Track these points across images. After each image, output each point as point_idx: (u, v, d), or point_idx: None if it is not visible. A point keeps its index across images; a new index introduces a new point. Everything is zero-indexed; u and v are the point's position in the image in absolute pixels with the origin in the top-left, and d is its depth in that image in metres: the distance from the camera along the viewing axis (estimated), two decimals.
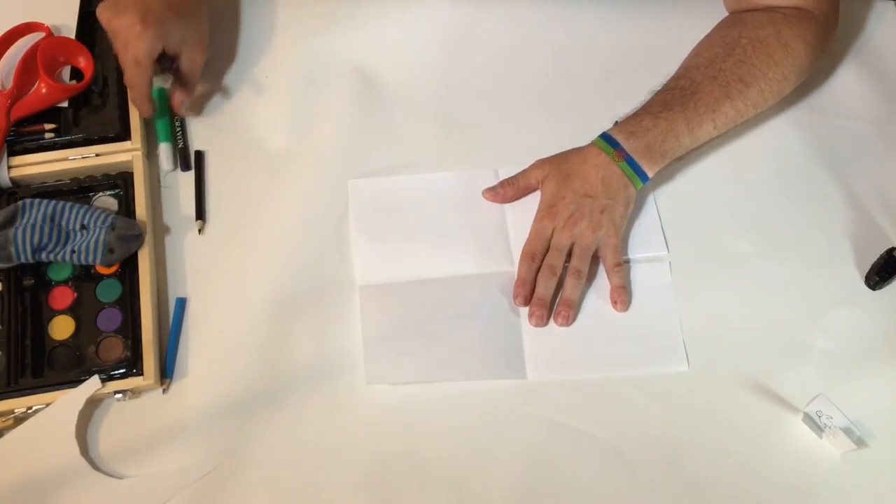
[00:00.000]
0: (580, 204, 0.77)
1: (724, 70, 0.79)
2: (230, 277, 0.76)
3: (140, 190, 0.77)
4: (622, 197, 0.77)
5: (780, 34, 0.80)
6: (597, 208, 0.76)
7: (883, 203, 0.82)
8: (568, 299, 0.75)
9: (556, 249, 0.76)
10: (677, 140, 0.78)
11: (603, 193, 0.77)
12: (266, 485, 0.69)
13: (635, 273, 0.78)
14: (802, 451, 0.71)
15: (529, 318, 0.75)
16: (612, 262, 0.76)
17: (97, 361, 0.72)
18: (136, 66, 0.76)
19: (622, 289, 0.76)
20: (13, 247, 0.71)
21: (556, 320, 0.75)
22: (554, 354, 0.74)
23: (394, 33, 0.88)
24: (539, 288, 0.75)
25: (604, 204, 0.76)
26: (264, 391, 0.72)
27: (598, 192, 0.77)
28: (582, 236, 0.76)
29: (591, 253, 0.76)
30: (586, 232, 0.76)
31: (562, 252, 0.76)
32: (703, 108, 0.78)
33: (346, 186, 0.80)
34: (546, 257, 0.76)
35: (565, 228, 0.76)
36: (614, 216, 0.77)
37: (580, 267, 0.76)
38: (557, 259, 0.76)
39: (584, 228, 0.76)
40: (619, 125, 0.79)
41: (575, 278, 0.75)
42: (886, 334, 0.76)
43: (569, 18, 0.89)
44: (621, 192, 0.77)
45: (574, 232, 0.76)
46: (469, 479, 0.70)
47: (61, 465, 0.68)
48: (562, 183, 0.78)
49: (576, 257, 0.76)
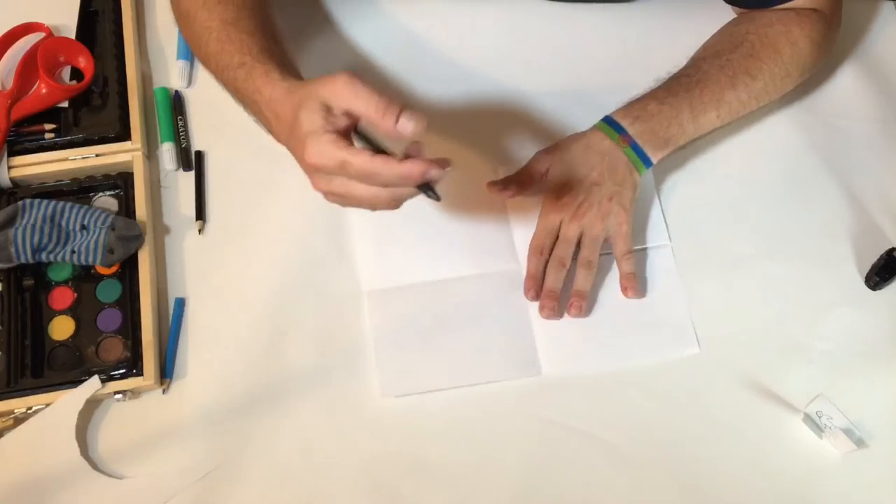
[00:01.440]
0: (588, 193, 0.76)
1: (730, 61, 0.79)
2: (230, 277, 0.76)
3: (140, 190, 0.77)
4: (629, 182, 0.76)
5: (790, 32, 0.80)
6: (605, 196, 0.76)
7: (883, 203, 0.82)
8: (580, 290, 0.75)
9: (564, 241, 0.76)
10: (681, 127, 0.77)
11: (610, 180, 0.76)
12: (266, 485, 0.69)
13: (639, 261, 0.78)
14: (802, 451, 0.71)
15: (540, 311, 0.74)
16: (624, 250, 0.76)
17: (97, 362, 0.72)
18: (351, 157, 0.58)
19: (632, 276, 0.75)
20: (13, 247, 0.71)
21: (570, 311, 0.74)
22: (567, 348, 0.74)
23: (394, 33, 0.88)
24: (548, 281, 0.75)
25: (612, 191, 0.76)
26: (264, 391, 0.72)
27: (604, 180, 0.76)
28: (592, 226, 0.75)
29: (601, 242, 0.76)
30: (595, 221, 0.75)
31: (571, 243, 0.75)
32: (707, 96, 0.78)
33: None
34: (555, 249, 0.76)
35: (574, 220, 0.76)
36: (624, 202, 0.76)
37: (591, 257, 0.75)
38: (566, 251, 0.75)
39: (593, 218, 0.75)
40: (622, 109, 0.78)
41: (586, 269, 0.75)
42: (887, 335, 0.76)
43: (569, 18, 0.89)
44: (628, 177, 0.76)
45: (583, 222, 0.75)
46: (469, 479, 0.70)
47: (61, 465, 0.68)
48: (566, 172, 0.77)
49: (585, 247, 0.75)
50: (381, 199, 0.60)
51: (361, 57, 0.87)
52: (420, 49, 0.88)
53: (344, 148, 0.57)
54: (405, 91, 0.86)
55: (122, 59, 0.83)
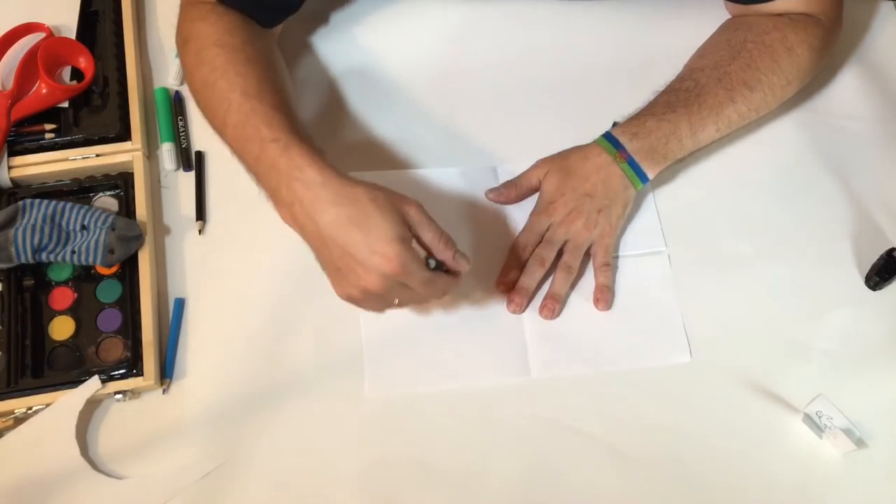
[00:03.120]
0: (579, 202, 0.77)
1: (729, 73, 0.79)
2: (230, 277, 0.76)
3: (140, 190, 0.77)
4: (621, 198, 0.77)
5: (786, 39, 0.80)
6: (594, 208, 0.76)
7: (883, 203, 0.82)
8: (556, 293, 0.75)
9: (549, 242, 0.76)
10: (680, 143, 0.78)
11: (602, 193, 0.77)
12: (266, 485, 0.69)
13: (634, 267, 0.78)
14: (802, 451, 0.71)
15: (508, 304, 0.75)
16: (602, 261, 0.77)
17: (97, 362, 0.72)
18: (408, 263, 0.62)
19: (606, 288, 0.76)
20: (13, 247, 0.71)
21: (542, 312, 0.75)
22: (557, 351, 0.74)
23: (394, 33, 0.88)
24: (524, 277, 0.76)
25: (602, 204, 0.76)
26: (264, 391, 0.72)
27: (597, 192, 0.77)
28: (578, 234, 0.76)
29: (583, 251, 0.76)
30: (582, 230, 0.76)
31: (554, 246, 0.76)
32: (706, 110, 0.78)
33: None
34: (538, 248, 0.76)
35: (562, 225, 0.76)
36: (611, 217, 0.77)
37: (571, 263, 0.76)
38: (549, 252, 0.76)
39: (580, 227, 0.76)
40: (622, 126, 0.79)
41: (565, 273, 0.76)
42: (886, 335, 0.76)
43: (570, 18, 0.89)
44: (620, 193, 0.77)
45: (570, 229, 0.76)
46: (469, 479, 0.70)
47: (61, 465, 0.68)
48: (562, 180, 0.78)
49: (568, 253, 0.76)
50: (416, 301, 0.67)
51: (361, 57, 0.87)
52: (420, 49, 0.88)
53: (422, 268, 0.62)
54: (405, 90, 0.86)
55: (122, 59, 0.83)
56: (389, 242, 0.60)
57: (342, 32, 0.88)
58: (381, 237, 0.60)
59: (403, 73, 0.87)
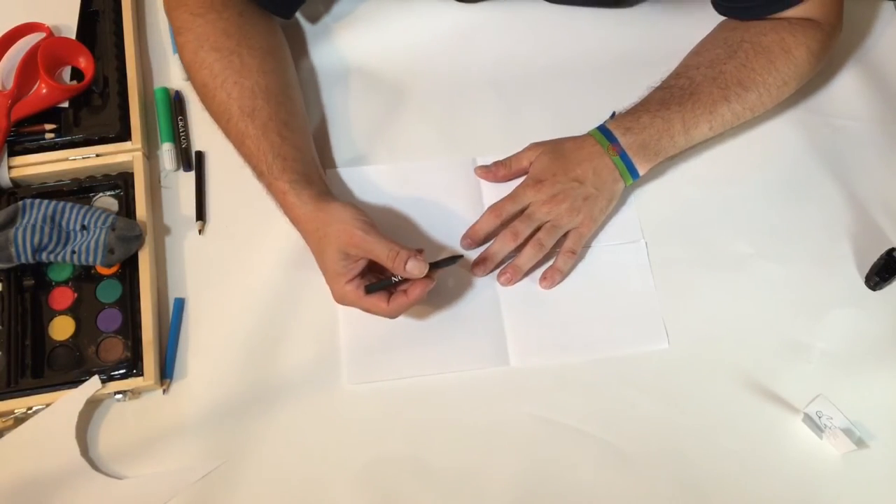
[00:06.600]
0: (567, 185, 0.77)
1: (724, 72, 0.79)
2: (230, 277, 0.76)
3: (140, 190, 0.77)
4: (608, 190, 0.77)
5: (784, 41, 0.80)
6: (581, 195, 0.76)
7: (883, 203, 0.82)
8: (520, 266, 0.76)
9: (528, 218, 0.76)
10: (672, 140, 0.78)
11: (592, 182, 0.77)
12: (266, 484, 0.69)
13: (613, 255, 0.79)
14: (802, 451, 0.71)
15: (473, 266, 0.76)
16: (570, 247, 0.77)
17: (97, 362, 0.72)
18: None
19: (560, 273, 0.77)
20: (13, 247, 0.71)
21: (500, 278, 0.76)
22: (536, 339, 0.75)
23: (394, 33, 0.88)
24: (495, 244, 0.76)
25: (589, 192, 0.77)
26: (264, 391, 0.72)
27: (587, 179, 0.77)
28: (559, 217, 0.76)
29: (560, 234, 0.77)
30: (564, 214, 0.76)
31: (533, 224, 0.76)
32: (700, 108, 0.78)
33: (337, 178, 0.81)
34: (515, 221, 0.77)
35: (546, 204, 0.76)
36: (594, 208, 0.77)
37: (545, 241, 0.76)
38: (525, 228, 0.76)
39: (563, 210, 0.76)
40: (616, 119, 0.79)
41: (536, 249, 0.76)
42: (886, 335, 0.76)
43: (569, 18, 0.89)
44: (609, 184, 0.77)
45: (553, 210, 0.76)
46: (467, 476, 0.70)
47: (61, 465, 0.68)
48: (554, 161, 0.78)
49: (544, 231, 0.76)
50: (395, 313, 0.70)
51: (361, 57, 0.87)
52: (419, 49, 0.88)
53: (360, 298, 0.69)
54: (406, 91, 0.86)
55: (122, 59, 0.83)
56: (331, 279, 0.70)
57: (341, 33, 0.88)
58: (326, 271, 0.70)
59: (403, 73, 0.87)
